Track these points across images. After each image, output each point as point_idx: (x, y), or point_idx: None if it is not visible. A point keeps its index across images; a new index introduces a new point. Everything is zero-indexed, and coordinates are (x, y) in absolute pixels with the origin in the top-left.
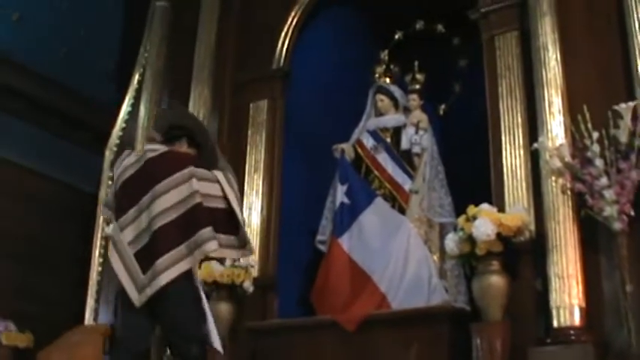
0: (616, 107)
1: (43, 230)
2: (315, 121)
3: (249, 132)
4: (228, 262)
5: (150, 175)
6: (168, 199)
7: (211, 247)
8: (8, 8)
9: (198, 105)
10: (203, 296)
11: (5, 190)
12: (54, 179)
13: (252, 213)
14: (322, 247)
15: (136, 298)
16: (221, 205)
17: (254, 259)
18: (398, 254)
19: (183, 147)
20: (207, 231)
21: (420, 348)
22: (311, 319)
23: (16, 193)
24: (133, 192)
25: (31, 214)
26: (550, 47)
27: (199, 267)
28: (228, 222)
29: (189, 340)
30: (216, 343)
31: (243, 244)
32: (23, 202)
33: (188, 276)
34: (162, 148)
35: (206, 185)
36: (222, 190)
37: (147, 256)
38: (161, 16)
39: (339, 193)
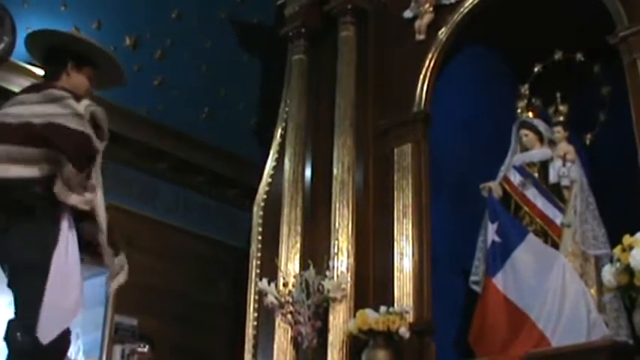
0: None
1: (196, 288)
2: (459, 160)
3: (395, 177)
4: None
5: None
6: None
7: None
8: (150, 74)
9: (342, 155)
10: (58, 262)
11: (158, 249)
12: (204, 237)
13: (404, 258)
14: (476, 288)
15: None
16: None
17: (409, 304)
18: (554, 290)
19: (72, 73)
20: None
21: None
22: None
23: (168, 252)
24: None
25: (185, 272)
26: None
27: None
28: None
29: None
30: (42, 333)
31: None
32: (176, 261)
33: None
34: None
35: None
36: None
37: None
38: (299, 70)
39: (490, 232)
